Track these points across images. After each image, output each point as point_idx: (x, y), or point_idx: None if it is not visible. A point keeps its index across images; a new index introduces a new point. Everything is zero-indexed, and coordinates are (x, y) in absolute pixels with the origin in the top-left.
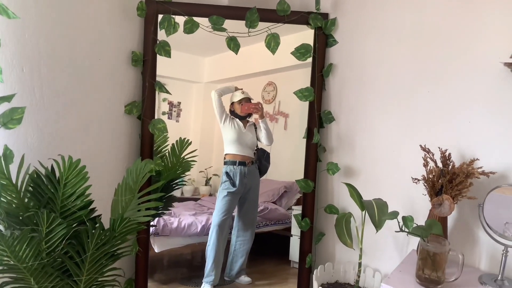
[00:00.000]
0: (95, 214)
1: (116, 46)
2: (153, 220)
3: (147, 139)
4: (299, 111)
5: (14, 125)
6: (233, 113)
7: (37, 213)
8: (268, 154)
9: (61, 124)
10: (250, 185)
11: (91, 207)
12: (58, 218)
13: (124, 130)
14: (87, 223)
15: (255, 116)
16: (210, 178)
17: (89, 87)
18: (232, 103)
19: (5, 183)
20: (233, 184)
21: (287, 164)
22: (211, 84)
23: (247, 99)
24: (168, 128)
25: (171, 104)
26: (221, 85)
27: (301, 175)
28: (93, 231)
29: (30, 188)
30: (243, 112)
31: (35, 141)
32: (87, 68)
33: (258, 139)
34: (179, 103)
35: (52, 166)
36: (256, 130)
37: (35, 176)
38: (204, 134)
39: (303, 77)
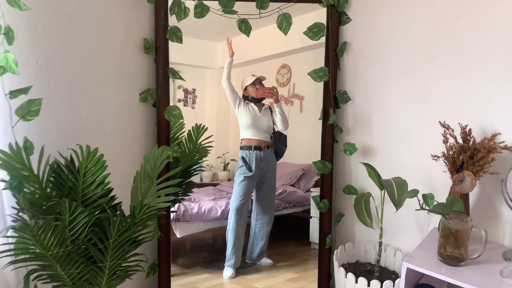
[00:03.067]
0: (116, 201)
1: (127, 34)
2: (173, 206)
3: (163, 126)
4: (314, 92)
5: (32, 116)
6: (247, 98)
7: (59, 202)
8: (285, 137)
9: (77, 114)
10: (266, 169)
11: (111, 195)
12: (79, 206)
13: (140, 118)
14: (108, 211)
15: (270, 100)
16: (228, 163)
17: (103, 77)
18: (245, 88)
19: (27, 174)
20: (249, 169)
21: (304, 147)
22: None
23: (259, 81)
24: (184, 115)
25: (186, 91)
26: (234, 70)
27: (318, 157)
28: (114, 218)
29: (51, 178)
30: (258, 96)
31: (53, 132)
32: (100, 57)
33: (274, 123)
34: (194, 89)
35: (71, 156)
36: (272, 114)
37: (56, 166)
38: (220, 119)
39: (317, 58)
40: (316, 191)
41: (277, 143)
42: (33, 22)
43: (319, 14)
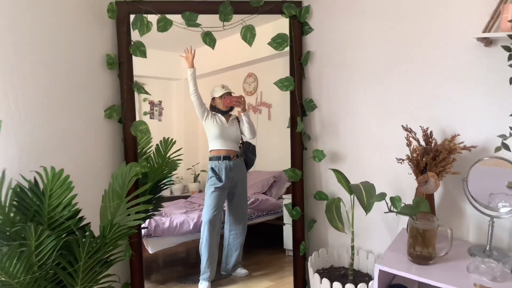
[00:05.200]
0: (84, 222)
1: (89, 51)
2: (144, 222)
3: (130, 142)
4: (282, 100)
5: None
6: (214, 108)
7: (24, 227)
8: (253, 147)
9: (40, 134)
10: (237, 179)
11: (79, 216)
12: (46, 230)
13: (106, 134)
14: (77, 233)
15: (237, 109)
16: (198, 174)
17: (65, 94)
18: (213, 99)
19: None
20: (219, 179)
21: (274, 154)
22: None
23: (228, 93)
24: (151, 128)
25: (152, 103)
26: (200, 80)
27: (288, 164)
28: (84, 240)
29: (14, 202)
30: (225, 105)
31: (15, 153)
32: (61, 75)
33: (241, 132)
34: (160, 101)
35: (35, 179)
36: (239, 124)
37: (19, 190)
38: (188, 130)
39: (283, 66)
40: (288, 198)
41: (247, 153)
42: None
43: (283, 23)
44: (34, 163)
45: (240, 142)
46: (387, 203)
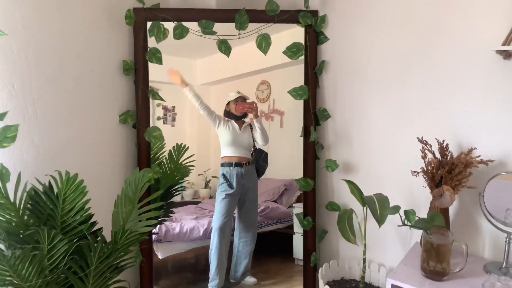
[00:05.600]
0: (96, 227)
1: (106, 56)
2: (155, 227)
3: (144, 148)
4: (294, 108)
5: (8, 143)
6: (228, 113)
7: (38, 230)
8: (266, 154)
9: (56, 138)
10: (248, 186)
11: (91, 220)
12: (59, 234)
13: (120, 140)
14: (89, 237)
15: (250, 116)
16: (209, 180)
17: (81, 99)
18: (228, 103)
19: (3, 202)
20: (231, 186)
21: (285, 162)
22: (204, 87)
23: (243, 99)
24: (164, 133)
25: (165, 109)
26: (213, 87)
27: (300, 172)
28: (95, 245)
29: (28, 205)
30: (237, 111)
31: (31, 157)
32: (78, 80)
33: (254, 139)
34: (174, 107)
35: (49, 182)
36: (252, 131)
37: (33, 193)
38: (200, 136)
39: (296, 74)
40: (298, 207)
41: (258, 161)
42: (9, 46)
43: (298, 31)
44: (49, 166)
45: (253, 149)
46: (400, 217)
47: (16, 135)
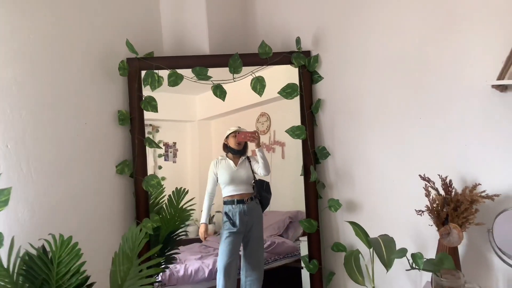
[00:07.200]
0: (95, 286)
1: (101, 108)
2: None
3: (142, 197)
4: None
5: (1, 207)
6: (227, 147)
7: None
8: (267, 184)
9: (52, 195)
10: (252, 222)
11: (88, 282)
12: None
13: (117, 190)
14: None
15: (251, 148)
16: (213, 215)
17: (77, 153)
18: (227, 137)
19: None
20: (233, 224)
21: (288, 193)
22: (204, 122)
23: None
24: (166, 169)
25: (166, 145)
26: (213, 121)
27: (303, 203)
28: None
29: (22, 271)
30: (239, 140)
31: (26, 217)
32: (73, 134)
33: (253, 171)
34: (175, 143)
35: (43, 246)
36: (250, 163)
37: (27, 258)
38: (202, 171)
39: (295, 105)
40: (305, 240)
41: (261, 192)
42: (1, 107)
43: (293, 68)
44: (45, 225)
45: (253, 181)
46: (408, 260)
47: (9, 199)
